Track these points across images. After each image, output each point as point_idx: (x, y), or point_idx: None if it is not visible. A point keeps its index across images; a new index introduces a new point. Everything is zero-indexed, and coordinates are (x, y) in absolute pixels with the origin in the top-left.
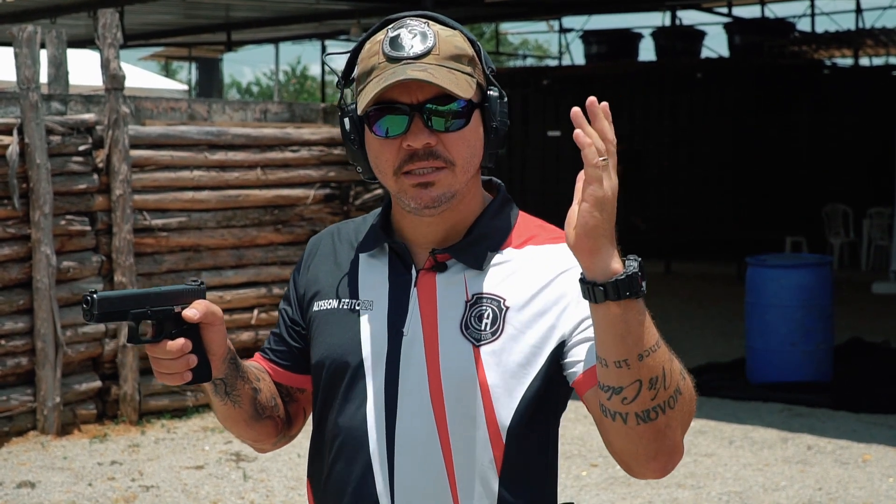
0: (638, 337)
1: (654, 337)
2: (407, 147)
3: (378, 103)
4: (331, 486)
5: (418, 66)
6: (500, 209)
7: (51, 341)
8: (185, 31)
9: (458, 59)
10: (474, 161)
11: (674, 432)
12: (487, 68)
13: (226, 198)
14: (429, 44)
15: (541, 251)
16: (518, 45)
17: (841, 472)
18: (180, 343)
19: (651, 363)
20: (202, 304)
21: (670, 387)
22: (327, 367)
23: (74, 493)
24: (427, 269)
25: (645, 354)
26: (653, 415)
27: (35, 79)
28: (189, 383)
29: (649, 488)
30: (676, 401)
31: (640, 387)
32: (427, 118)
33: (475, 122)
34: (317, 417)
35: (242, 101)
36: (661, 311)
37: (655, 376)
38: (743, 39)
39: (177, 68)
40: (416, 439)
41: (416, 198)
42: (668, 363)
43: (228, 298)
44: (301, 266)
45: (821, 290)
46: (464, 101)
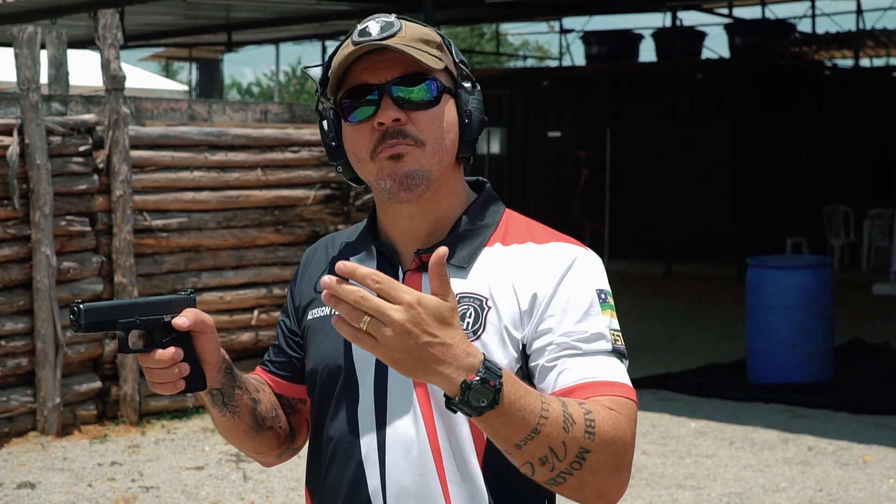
0: (507, 433)
1: (528, 427)
2: (378, 126)
3: (349, 90)
4: (326, 489)
5: (382, 43)
6: (484, 206)
7: (51, 342)
8: (186, 31)
9: (426, 42)
10: (445, 143)
11: (592, 484)
12: (458, 60)
13: (226, 198)
14: (395, 28)
15: (523, 250)
16: (518, 46)
17: (841, 473)
18: (171, 352)
19: (532, 448)
20: (192, 313)
21: (567, 457)
22: (320, 373)
23: (74, 494)
24: (413, 270)
25: (522, 444)
26: (559, 480)
27: (35, 79)
28: (182, 392)
29: (649, 489)
30: (584, 461)
31: (532, 466)
32: (396, 97)
33: (447, 105)
34: (313, 424)
35: (243, 102)
36: (661, 312)
37: (543, 455)
38: (743, 40)
39: (177, 69)
40: (406, 440)
41: (391, 174)
42: (559, 437)
43: (229, 299)
44: (297, 277)
45: (821, 292)
46: (433, 82)
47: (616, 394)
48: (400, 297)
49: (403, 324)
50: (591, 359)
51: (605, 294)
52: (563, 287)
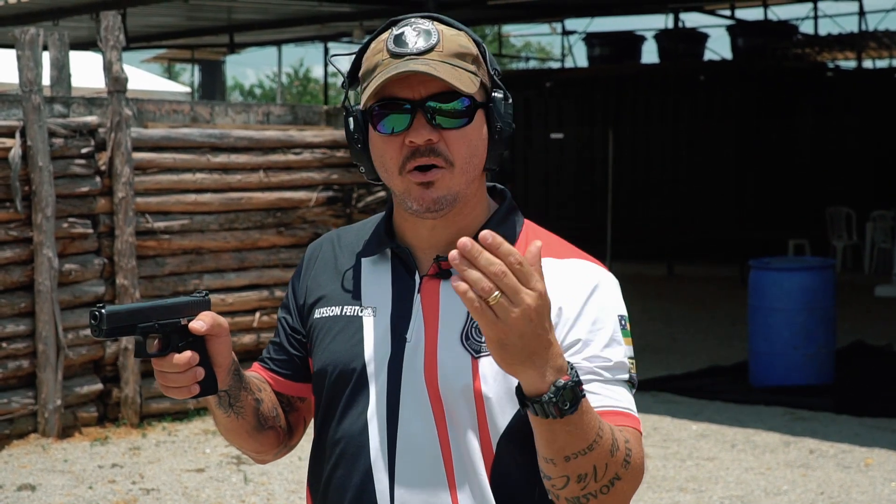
0: (565, 443)
1: (585, 441)
2: (409, 143)
3: (381, 99)
4: (331, 492)
5: (421, 61)
6: (506, 217)
7: (52, 344)
8: (188, 33)
9: (462, 56)
10: (474, 161)
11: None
12: (492, 69)
13: (228, 200)
14: (433, 41)
15: (546, 265)
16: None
17: (843, 476)
18: (188, 356)
19: (580, 463)
20: (209, 316)
21: (603, 479)
22: (330, 374)
23: (75, 496)
24: (431, 276)
25: (572, 457)
26: (583, 500)
27: (37, 81)
28: (196, 396)
29: (651, 492)
30: (612, 486)
31: (567, 480)
32: (429, 114)
33: (478, 121)
34: (318, 424)
35: (245, 104)
36: (663, 314)
37: (584, 473)
38: (746, 42)
39: (179, 70)
40: (417, 447)
41: (418, 199)
42: (604, 458)
43: (230, 301)
44: (300, 273)
45: (823, 294)
46: (467, 98)
47: (630, 425)
48: (535, 284)
49: (533, 310)
50: (612, 387)
51: (624, 321)
52: (589, 309)
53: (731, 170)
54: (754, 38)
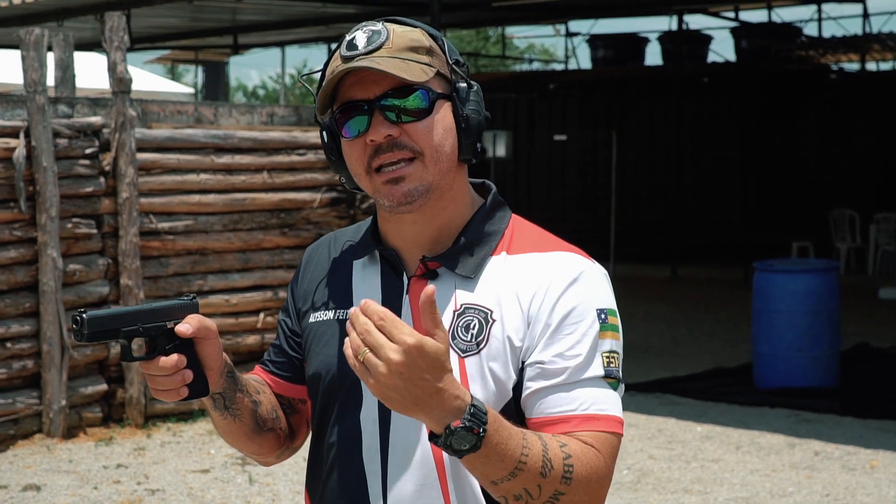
0: (486, 471)
1: (504, 469)
2: (370, 142)
3: (341, 105)
4: (327, 495)
5: (367, 59)
6: (491, 213)
7: (57, 344)
8: (192, 34)
9: (414, 49)
10: (445, 150)
11: None
12: (452, 60)
13: (232, 201)
14: (381, 39)
15: (527, 260)
16: (524, 50)
17: (848, 478)
18: (174, 359)
19: (508, 486)
20: (195, 319)
21: (542, 496)
22: (323, 378)
23: (80, 497)
24: (418, 277)
25: (499, 482)
26: None
27: (42, 81)
28: (186, 399)
29: (656, 493)
30: (557, 501)
31: (506, 500)
32: (386, 110)
33: (442, 112)
34: (314, 428)
35: (249, 105)
36: (667, 316)
37: (518, 493)
38: (750, 44)
39: (183, 71)
40: (409, 449)
41: (388, 195)
42: (534, 481)
43: (234, 302)
44: (298, 277)
45: (828, 296)
46: (425, 91)
47: (599, 429)
48: (401, 338)
49: (398, 364)
50: (579, 390)
51: (605, 314)
52: (563, 302)
53: (734, 172)
54: (758, 40)
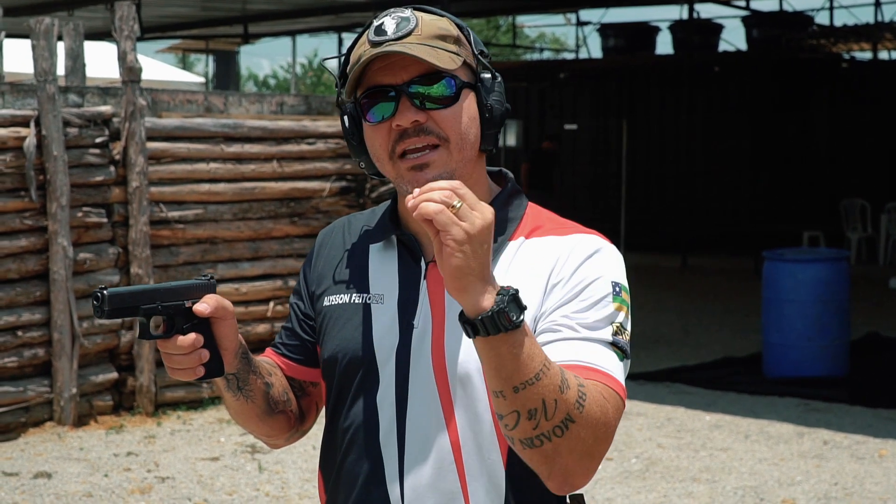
0: (512, 370)
1: (532, 370)
2: (396, 127)
3: (367, 90)
4: (343, 477)
5: (398, 44)
6: (509, 200)
7: (67, 333)
8: (202, 23)
9: (443, 38)
10: (468, 138)
11: (565, 458)
12: (477, 51)
13: (242, 190)
14: (411, 25)
15: (546, 242)
16: (535, 39)
17: (857, 467)
18: (192, 338)
19: (528, 395)
20: (213, 299)
21: (555, 417)
22: (339, 361)
23: (90, 484)
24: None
25: (521, 387)
26: (536, 442)
27: (52, 71)
28: (202, 378)
29: (664, 482)
30: (566, 429)
31: (518, 417)
32: (414, 96)
33: (467, 100)
34: (329, 412)
35: (259, 94)
36: (677, 305)
37: (534, 408)
38: (761, 33)
39: (194, 61)
40: (426, 433)
41: (413, 181)
42: (553, 394)
43: (244, 291)
44: (311, 260)
45: (838, 285)
46: (451, 79)
47: (606, 383)
48: (481, 207)
49: (492, 219)
50: (588, 344)
51: (619, 287)
52: (579, 272)
53: (745, 161)
54: (769, 28)
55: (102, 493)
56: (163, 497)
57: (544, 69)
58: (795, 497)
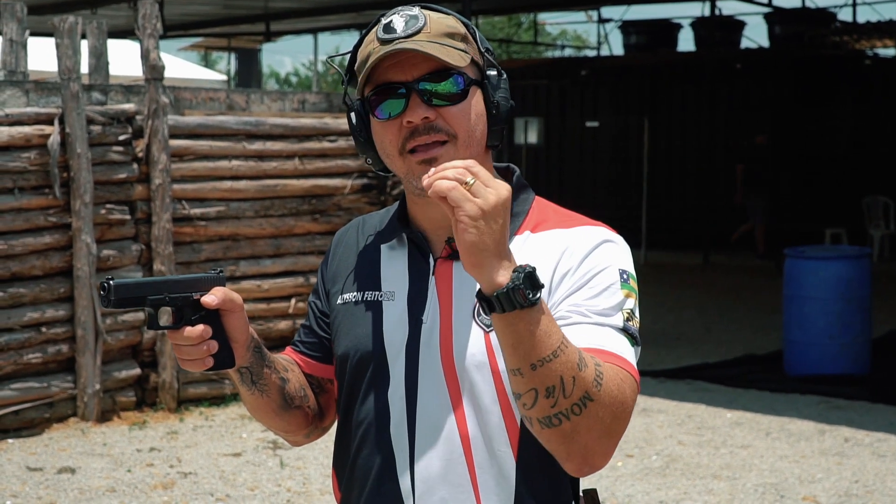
0: (530, 347)
1: (549, 347)
2: (407, 124)
3: (376, 86)
4: (356, 473)
5: (409, 42)
6: (515, 195)
7: (91, 329)
8: (225, 21)
9: (451, 36)
10: (476, 136)
11: (584, 437)
12: (483, 48)
13: (264, 187)
14: (420, 24)
15: (551, 236)
16: (556, 36)
17: (878, 464)
18: (199, 329)
19: (546, 373)
20: (221, 291)
21: (573, 395)
22: (351, 358)
23: (114, 479)
24: (444, 258)
25: (538, 364)
26: (555, 421)
27: (76, 69)
28: (211, 369)
29: (685, 479)
30: (584, 408)
31: (535, 395)
32: (424, 93)
33: (474, 97)
34: (342, 408)
35: (281, 92)
36: (699, 302)
37: (552, 385)
38: (783, 29)
39: (216, 59)
40: (435, 426)
41: (421, 176)
42: (571, 371)
43: (266, 287)
44: (328, 259)
45: (860, 283)
46: (460, 76)
47: (621, 366)
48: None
49: (506, 196)
50: (600, 328)
51: (627, 275)
52: (586, 263)
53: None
54: (792, 25)
55: (125, 489)
56: (185, 492)
57: (566, 66)
58: (816, 494)
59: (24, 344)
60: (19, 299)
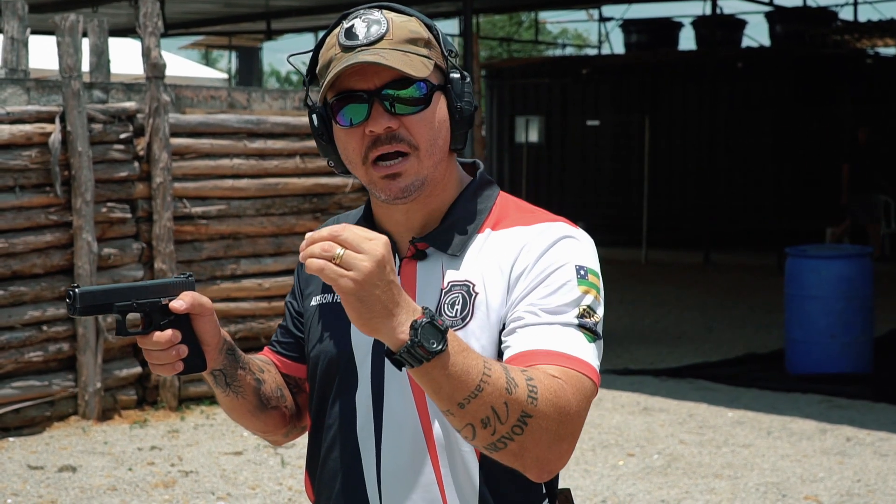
0: (451, 389)
1: (471, 384)
2: (369, 133)
3: (339, 93)
4: (325, 475)
5: (371, 52)
6: (478, 191)
7: (92, 327)
8: (226, 20)
9: (414, 42)
10: (438, 143)
11: (533, 451)
12: (447, 50)
13: (265, 186)
14: (382, 30)
15: (511, 233)
16: (557, 34)
17: (880, 463)
18: (168, 335)
19: (475, 407)
20: (189, 296)
21: (509, 419)
22: (321, 360)
23: (115, 478)
24: (409, 258)
25: (465, 402)
26: (500, 445)
27: (77, 67)
28: (182, 373)
29: (686, 478)
30: (525, 426)
31: (473, 429)
32: (386, 103)
33: (438, 103)
34: (313, 411)
35: (282, 90)
36: (700, 301)
37: (486, 416)
38: (784, 28)
39: (217, 57)
40: (400, 426)
41: (385, 189)
42: (501, 398)
43: (267, 286)
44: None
45: (861, 282)
46: (423, 83)
47: (566, 366)
48: (371, 242)
49: (381, 255)
50: (551, 328)
51: (585, 270)
52: (543, 260)
53: (768, 158)
54: (793, 24)
55: (126, 487)
56: (186, 491)
57: (566, 65)
58: (818, 494)
59: (24, 342)
60: (20, 297)
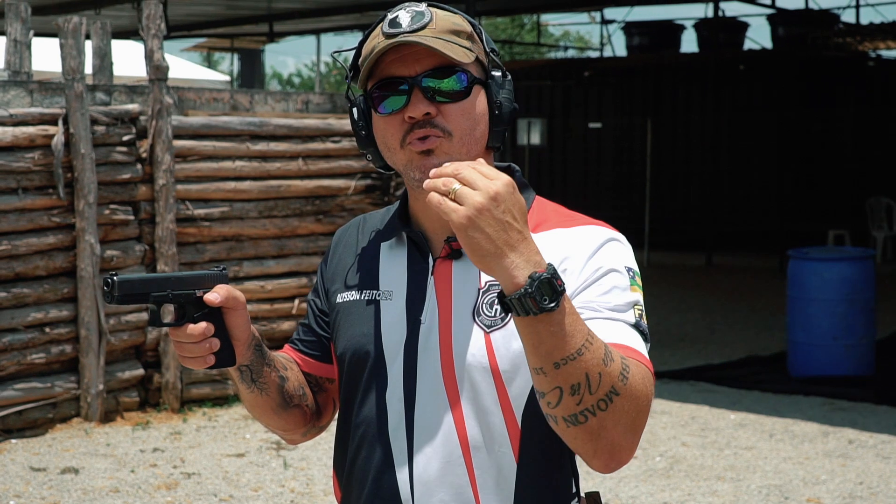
0: (552, 347)
1: (572, 346)
2: (408, 119)
3: (379, 81)
4: (354, 475)
5: (414, 36)
6: None
7: (94, 329)
8: (228, 22)
9: (457, 33)
10: (474, 134)
11: (611, 433)
12: (489, 49)
13: (267, 188)
14: (426, 19)
15: (552, 235)
16: (559, 37)
17: (882, 466)
18: (202, 327)
19: (570, 370)
20: (224, 289)
21: (599, 391)
22: (349, 358)
23: (117, 480)
24: (443, 258)
25: (562, 363)
26: (581, 418)
27: (80, 69)
28: (212, 367)
29: (688, 480)
30: (611, 403)
31: (560, 393)
32: (426, 90)
33: (477, 96)
34: (342, 408)
35: (284, 92)
36: (702, 304)
37: (577, 383)
38: (786, 31)
39: (219, 59)
40: (434, 427)
41: (420, 167)
42: (597, 367)
43: (270, 288)
44: (328, 257)
45: (863, 284)
46: (464, 74)
47: (636, 358)
48: (496, 175)
49: (495, 191)
50: (614, 324)
51: (633, 273)
52: (593, 261)
53: (771, 160)
54: (795, 27)
55: (129, 489)
56: (189, 493)
57: (569, 67)
58: (820, 496)
59: (27, 344)
60: (23, 299)
